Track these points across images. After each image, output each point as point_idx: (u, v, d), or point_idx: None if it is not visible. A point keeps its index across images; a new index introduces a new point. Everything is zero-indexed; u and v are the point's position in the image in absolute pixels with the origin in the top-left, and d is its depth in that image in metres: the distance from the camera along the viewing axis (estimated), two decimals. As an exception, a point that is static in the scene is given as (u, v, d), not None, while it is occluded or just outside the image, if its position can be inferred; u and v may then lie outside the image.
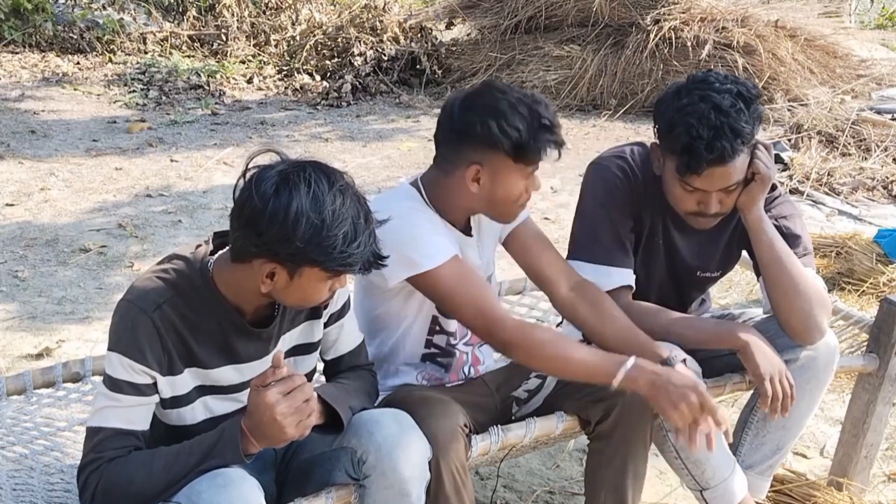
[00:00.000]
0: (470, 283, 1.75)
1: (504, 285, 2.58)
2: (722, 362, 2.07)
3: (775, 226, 1.97)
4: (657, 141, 1.92)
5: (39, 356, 3.04)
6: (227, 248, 1.52)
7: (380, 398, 1.84)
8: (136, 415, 1.51)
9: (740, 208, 1.92)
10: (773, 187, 2.02)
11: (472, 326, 1.80)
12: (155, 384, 1.52)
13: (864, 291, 3.57)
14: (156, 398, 1.54)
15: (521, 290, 2.63)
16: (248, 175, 1.45)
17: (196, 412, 1.59)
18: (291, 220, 1.37)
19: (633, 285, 2.00)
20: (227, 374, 1.59)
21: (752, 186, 1.88)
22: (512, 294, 2.62)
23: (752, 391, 2.11)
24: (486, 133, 1.72)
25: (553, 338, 1.73)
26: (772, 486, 2.20)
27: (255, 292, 1.49)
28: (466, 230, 1.91)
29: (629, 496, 1.87)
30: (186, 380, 1.56)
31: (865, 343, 2.28)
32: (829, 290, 3.56)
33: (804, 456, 2.65)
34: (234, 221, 1.45)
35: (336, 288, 1.53)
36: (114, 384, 1.49)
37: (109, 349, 1.50)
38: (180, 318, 1.50)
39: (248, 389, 1.57)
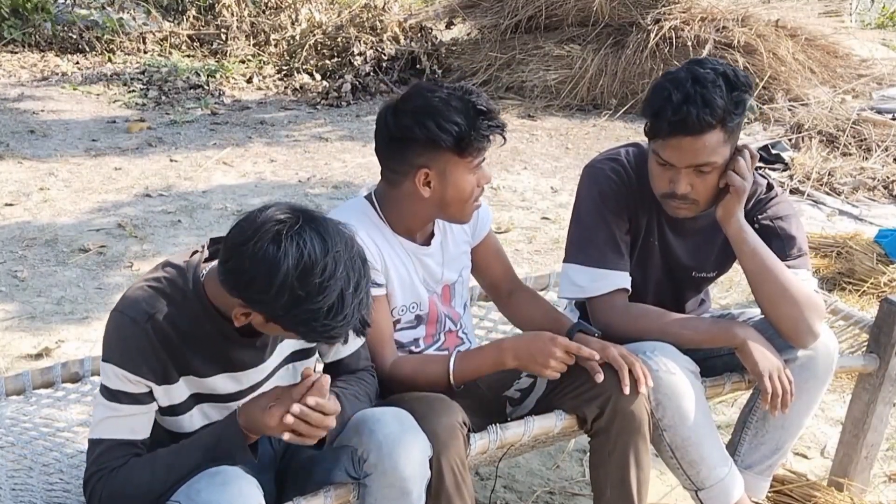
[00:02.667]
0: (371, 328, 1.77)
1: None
2: (721, 362, 2.07)
3: (770, 226, 1.97)
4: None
5: (38, 356, 3.04)
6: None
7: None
8: (136, 423, 1.52)
9: (719, 220, 1.92)
10: (770, 187, 2.02)
11: None
12: (151, 392, 1.52)
13: (864, 291, 3.56)
14: (154, 406, 1.55)
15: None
16: (249, 219, 1.40)
17: (194, 420, 1.59)
18: (274, 289, 1.33)
19: (630, 287, 2.00)
20: (223, 382, 1.59)
21: (727, 199, 1.88)
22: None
23: (751, 391, 2.12)
24: (426, 134, 1.72)
25: (413, 371, 1.84)
26: (772, 486, 2.20)
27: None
28: (427, 239, 1.92)
29: (634, 488, 1.87)
30: (182, 388, 1.56)
31: (866, 343, 2.28)
32: (830, 291, 3.56)
33: (804, 456, 2.65)
34: (221, 255, 1.42)
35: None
36: (111, 394, 1.50)
37: (104, 360, 1.50)
38: (172, 327, 1.50)
39: (245, 398, 1.58)
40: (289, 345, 1.66)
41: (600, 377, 1.81)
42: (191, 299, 1.50)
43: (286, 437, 1.46)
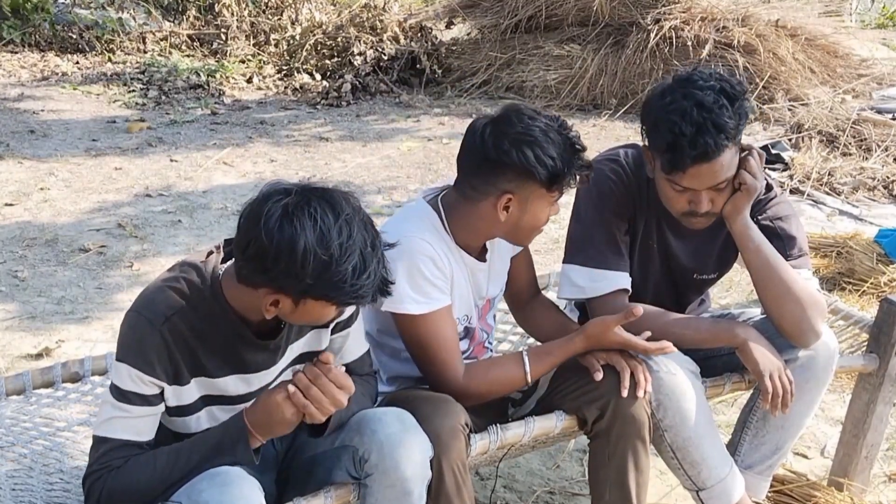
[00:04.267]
0: (443, 340, 1.78)
1: None
2: (721, 362, 2.07)
3: (770, 227, 1.97)
4: (645, 142, 1.91)
5: (39, 356, 3.04)
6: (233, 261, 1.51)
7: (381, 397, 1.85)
8: (142, 425, 1.53)
9: (725, 217, 1.91)
10: (769, 188, 2.01)
11: (425, 374, 1.84)
12: (162, 393, 1.53)
13: (864, 291, 3.56)
14: (162, 407, 1.55)
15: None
16: (253, 206, 1.42)
17: (201, 421, 1.60)
18: (299, 259, 1.36)
19: (630, 288, 2.00)
20: (234, 383, 1.59)
21: (737, 196, 1.88)
22: None
23: (751, 391, 2.12)
24: (522, 162, 1.70)
25: (489, 377, 1.83)
26: (772, 486, 2.20)
27: (261, 310, 1.49)
28: (482, 254, 1.91)
29: (633, 491, 1.87)
30: (192, 390, 1.56)
31: (866, 343, 2.28)
32: (830, 291, 3.56)
33: (804, 456, 2.65)
34: (238, 250, 1.44)
35: (339, 314, 1.53)
36: (121, 394, 1.50)
37: (117, 359, 1.51)
38: (189, 328, 1.50)
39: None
40: (299, 346, 1.66)
41: (599, 375, 1.82)
42: (208, 300, 1.50)
43: (292, 416, 1.47)
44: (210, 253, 1.56)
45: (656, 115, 1.82)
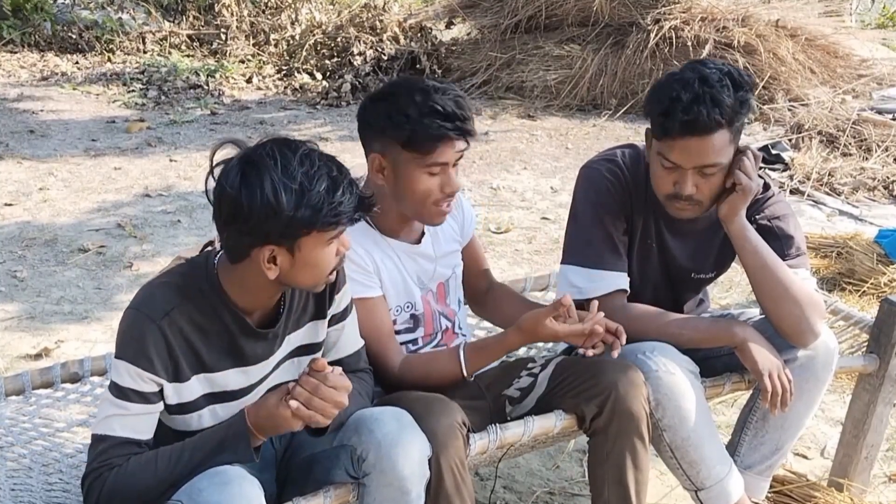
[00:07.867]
0: (372, 331, 1.80)
1: None
2: (721, 362, 2.07)
3: (768, 226, 1.97)
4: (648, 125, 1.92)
5: (38, 356, 3.04)
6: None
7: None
8: (141, 423, 1.52)
9: (722, 218, 1.91)
10: (767, 187, 2.01)
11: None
12: (161, 391, 1.52)
13: (864, 292, 3.56)
14: (160, 406, 1.54)
15: (521, 291, 2.61)
16: (214, 173, 1.46)
17: (203, 419, 1.59)
18: (270, 196, 1.38)
19: (628, 288, 2.00)
20: (234, 377, 1.59)
21: (732, 197, 1.88)
22: None
23: (751, 391, 2.11)
24: (376, 120, 1.74)
25: (425, 371, 1.84)
26: (772, 486, 2.20)
27: (264, 287, 1.49)
28: (418, 238, 1.92)
29: (632, 488, 1.86)
30: (194, 387, 1.56)
31: (866, 343, 2.28)
32: (830, 291, 3.56)
33: (804, 457, 2.65)
34: (218, 223, 1.45)
35: (342, 252, 1.53)
36: (120, 392, 1.50)
37: (116, 357, 1.50)
38: (188, 323, 1.50)
39: (254, 392, 1.59)
40: (297, 338, 1.66)
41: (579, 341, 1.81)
42: (206, 293, 1.51)
43: (299, 426, 1.46)
44: (206, 245, 1.57)
45: (660, 84, 1.85)
